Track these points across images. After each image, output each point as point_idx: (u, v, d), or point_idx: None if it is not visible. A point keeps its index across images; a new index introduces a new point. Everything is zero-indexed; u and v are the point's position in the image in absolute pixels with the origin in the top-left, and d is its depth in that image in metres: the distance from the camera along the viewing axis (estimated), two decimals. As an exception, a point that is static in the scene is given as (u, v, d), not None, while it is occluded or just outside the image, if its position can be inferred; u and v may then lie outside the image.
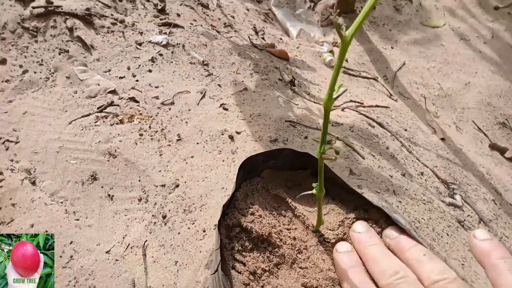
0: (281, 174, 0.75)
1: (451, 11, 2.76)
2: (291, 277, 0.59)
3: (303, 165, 0.77)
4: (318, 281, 0.58)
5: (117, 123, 1.22)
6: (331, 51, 2.23)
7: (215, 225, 0.96)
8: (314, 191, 0.59)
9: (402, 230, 0.52)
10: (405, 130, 1.66)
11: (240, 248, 0.62)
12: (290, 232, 0.65)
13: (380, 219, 0.67)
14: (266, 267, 0.60)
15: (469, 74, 2.31)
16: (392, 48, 2.42)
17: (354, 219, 0.66)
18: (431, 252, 0.41)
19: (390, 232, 0.46)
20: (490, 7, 2.84)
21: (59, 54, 1.37)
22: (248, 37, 1.80)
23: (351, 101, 1.64)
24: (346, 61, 2.24)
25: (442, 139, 1.82)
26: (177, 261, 0.92)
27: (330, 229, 0.65)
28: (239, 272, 0.58)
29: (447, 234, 1.17)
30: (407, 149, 1.47)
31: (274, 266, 0.61)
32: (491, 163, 1.83)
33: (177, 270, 0.90)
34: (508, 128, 2.07)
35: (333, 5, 2.53)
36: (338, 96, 0.48)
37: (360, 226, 0.48)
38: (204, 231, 0.97)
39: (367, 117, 1.52)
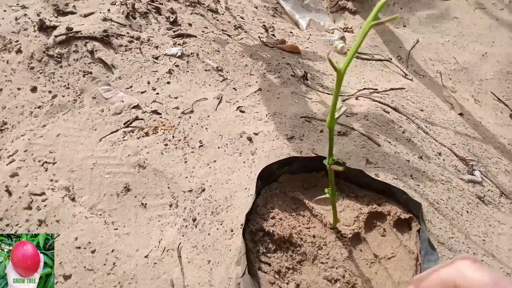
0: (297, 177, 0.82)
1: (464, -19, 2.69)
2: (314, 272, 0.66)
3: (316, 167, 0.82)
4: (338, 273, 0.64)
5: (143, 136, 1.31)
6: (342, 38, 2.25)
7: (241, 225, 1.04)
8: (327, 195, 0.65)
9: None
10: (421, 110, 1.68)
11: (264, 250, 0.69)
12: (309, 231, 0.71)
13: (392, 211, 0.72)
14: (289, 265, 0.67)
15: (486, 44, 2.27)
16: (405, 26, 2.41)
17: (368, 214, 0.72)
18: None
19: None
20: (505, -30, 2.75)
21: (83, 76, 1.47)
22: (259, 36, 1.85)
23: (364, 88, 1.67)
24: (359, 46, 2.25)
25: (461, 114, 1.82)
26: (209, 260, 1.00)
27: (346, 225, 0.71)
28: (265, 272, 0.65)
29: (467, 212, 1.20)
30: (423, 130, 1.49)
31: (297, 263, 0.68)
32: (513, 133, 1.82)
33: (211, 269, 0.98)
34: (531, 95, 2.04)
35: (341, -9, 2.53)
36: (339, 116, 0.54)
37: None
38: (232, 230, 1.04)
39: (382, 103, 1.55)
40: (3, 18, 1.64)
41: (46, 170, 1.22)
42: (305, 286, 0.63)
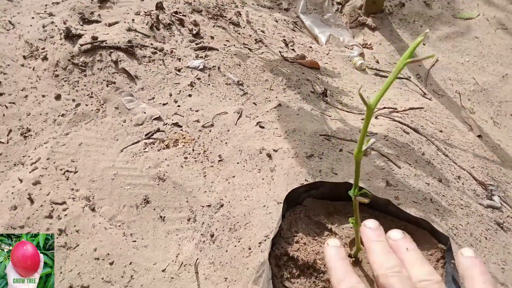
0: (322, 202, 0.82)
1: (486, 0, 2.68)
2: None
3: (343, 192, 0.82)
4: None
5: (163, 148, 1.33)
6: (361, 54, 2.25)
7: (259, 243, 1.04)
8: (350, 224, 0.65)
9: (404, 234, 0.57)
10: (441, 131, 1.67)
11: (288, 275, 0.69)
12: None
13: (420, 241, 0.72)
14: None
15: (506, 65, 2.25)
16: (424, 44, 2.40)
17: None
18: (425, 258, 0.49)
19: (394, 233, 0.54)
20: (528, -9, 2.73)
21: (107, 86, 1.49)
22: (279, 51, 1.86)
23: (384, 107, 1.66)
24: (377, 62, 2.25)
25: (479, 136, 1.80)
26: (226, 278, 1.00)
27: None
28: None
29: (486, 238, 1.18)
30: (443, 152, 1.48)
31: None
32: (533, 158, 1.79)
33: (227, 286, 0.98)
34: (552, 119, 2.01)
35: (361, 6, 2.53)
36: (367, 148, 0.54)
37: (372, 223, 0.56)
38: (249, 248, 1.04)
39: (401, 123, 1.54)
40: (31, 25, 1.68)
41: (67, 179, 1.24)
42: None
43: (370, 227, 0.56)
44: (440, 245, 0.70)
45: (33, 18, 1.74)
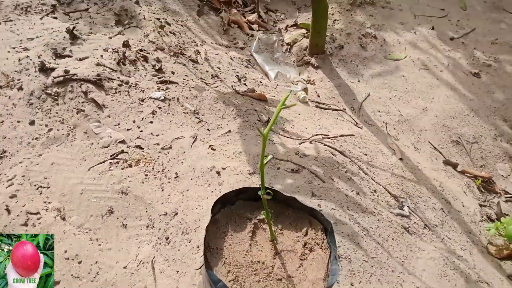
0: (250, 203, 1.08)
1: (412, 44, 3.12)
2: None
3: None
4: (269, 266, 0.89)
5: (126, 167, 1.54)
6: (305, 89, 2.58)
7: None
8: (263, 215, 0.91)
9: None
10: (365, 154, 1.98)
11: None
12: (256, 243, 0.97)
13: (311, 232, 0.99)
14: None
15: (426, 100, 2.65)
16: (359, 81, 2.77)
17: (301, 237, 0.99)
18: None
19: None
20: (447, 38, 3.21)
21: (77, 113, 1.70)
22: (232, 85, 2.15)
23: (317, 134, 1.96)
24: (318, 96, 2.59)
25: (401, 159, 2.14)
26: (178, 271, 1.22)
27: (282, 240, 0.97)
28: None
29: (392, 239, 1.47)
30: (363, 171, 1.78)
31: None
32: (444, 176, 2.14)
33: (179, 277, 1.20)
34: (461, 145, 2.40)
35: (306, 47, 2.90)
36: (267, 162, 0.81)
37: None
38: (198, 247, 1.27)
39: (331, 147, 1.84)
40: (7, 58, 1.87)
41: (41, 193, 1.43)
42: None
43: None
44: (320, 227, 0.98)
45: (8, 51, 1.93)
